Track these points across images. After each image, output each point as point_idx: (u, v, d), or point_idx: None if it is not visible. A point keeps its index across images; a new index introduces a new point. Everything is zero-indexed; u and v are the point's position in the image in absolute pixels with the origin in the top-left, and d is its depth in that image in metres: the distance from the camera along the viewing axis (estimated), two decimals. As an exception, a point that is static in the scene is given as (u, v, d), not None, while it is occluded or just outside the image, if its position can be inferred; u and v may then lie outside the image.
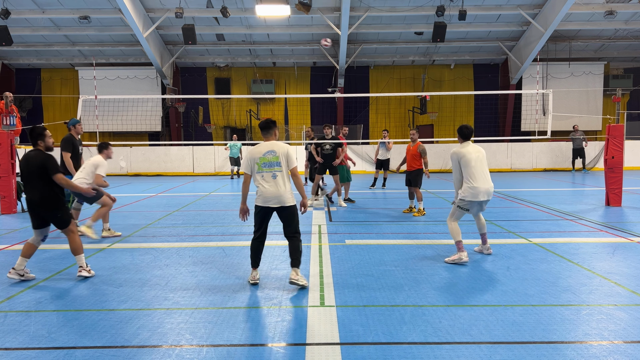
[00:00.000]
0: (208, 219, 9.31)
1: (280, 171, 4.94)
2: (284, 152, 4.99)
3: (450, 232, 6.03)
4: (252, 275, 5.09)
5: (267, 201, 4.91)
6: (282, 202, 4.91)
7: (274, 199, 4.90)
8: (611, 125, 10.37)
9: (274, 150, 4.97)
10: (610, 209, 9.97)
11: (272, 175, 4.92)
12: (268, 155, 4.94)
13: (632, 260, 5.87)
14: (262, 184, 4.93)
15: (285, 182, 4.95)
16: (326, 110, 24.49)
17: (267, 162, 4.94)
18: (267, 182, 4.91)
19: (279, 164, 4.95)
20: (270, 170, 4.92)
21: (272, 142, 5.06)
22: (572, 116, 21.98)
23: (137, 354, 3.50)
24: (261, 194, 4.94)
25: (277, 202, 4.91)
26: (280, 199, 4.90)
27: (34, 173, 5.25)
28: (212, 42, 22.48)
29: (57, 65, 24.45)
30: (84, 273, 5.36)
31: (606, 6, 19.32)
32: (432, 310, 4.28)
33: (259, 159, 4.95)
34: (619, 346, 3.55)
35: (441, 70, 24.62)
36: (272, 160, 4.94)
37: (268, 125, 5.12)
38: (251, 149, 5.06)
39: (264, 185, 4.91)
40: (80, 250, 5.42)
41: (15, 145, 10.43)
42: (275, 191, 4.89)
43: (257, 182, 4.97)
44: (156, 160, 21.38)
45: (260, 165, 4.95)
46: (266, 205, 4.93)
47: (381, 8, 19.49)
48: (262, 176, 4.93)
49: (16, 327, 4.02)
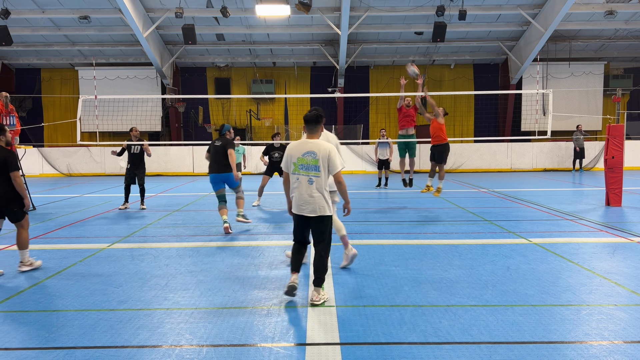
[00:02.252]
0: (208, 219, 9.31)
1: (318, 177, 4.38)
2: (324, 155, 4.39)
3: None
4: (291, 279, 4.56)
5: (301, 209, 4.43)
6: (316, 212, 4.40)
7: (307, 206, 4.40)
8: (611, 125, 10.37)
9: (314, 152, 4.39)
10: (610, 209, 9.97)
11: (309, 180, 4.39)
12: (307, 157, 4.40)
13: (632, 260, 5.87)
14: (297, 187, 4.44)
15: (322, 189, 4.40)
16: (326, 110, 24.38)
17: (305, 164, 4.39)
18: (301, 187, 4.41)
19: (318, 168, 4.38)
20: (307, 174, 4.40)
21: (315, 142, 4.44)
22: (572, 116, 21.98)
23: (137, 354, 3.50)
24: (295, 200, 4.48)
25: (310, 210, 4.41)
26: (314, 207, 4.39)
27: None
28: (212, 42, 22.48)
29: (57, 65, 24.46)
30: (24, 268, 5.67)
31: (606, 6, 19.33)
32: (432, 310, 4.28)
33: (297, 158, 4.42)
34: (619, 346, 3.55)
35: (441, 70, 24.62)
36: (311, 163, 4.38)
37: (316, 119, 4.51)
38: (291, 146, 4.52)
39: (299, 190, 4.42)
40: (26, 245, 5.73)
41: (15, 146, 10.42)
42: (309, 199, 4.38)
43: (292, 184, 4.50)
44: (156, 160, 21.37)
45: (297, 167, 4.43)
46: (300, 214, 4.46)
47: (381, 8, 19.49)
48: (298, 179, 4.43)
49: (16, 327, 4.02)
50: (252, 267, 5.76)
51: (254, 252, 6.53)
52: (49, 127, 24.33)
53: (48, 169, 21.47)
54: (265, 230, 8.20)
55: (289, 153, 4.51)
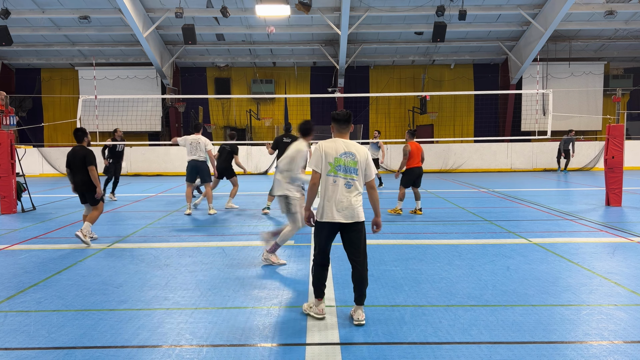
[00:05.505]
0: (208, 219, 9.31)
1: (358, 180, 4.04)
2: (364, 159, 4.06)
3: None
4: (320, 308, 4.11)
5: (336, 215, 3.98)
6: (354, 218, 4.00)
7: (345, 212, 3.99)
8: (611, 125, 10.37)
9: (353, 153, 4.03)
10: (610, 209, 9.97)
11: (347, 183, 4.01)
12: (346, 158, 4.01)
13: (632, 260, 5.87)
14: (332, 191, 4.01)
15: (359, 195, 4.07)
16: (326, 110, 24.47)
17: (344, 165, 4.01)
18: (339, 190, 4.00)
19: (357, 171, 4.03)
20: (346, 176, 4.01)
21: (349, 142, 4.11)
22: (572, 116, 21.97)
23: (137, 354, 3.50)
24: (326, 205, 4.02)
25: (349, 216, 3.99)
26: (352, 213, 4.00)
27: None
28: (212, 42, 22.48)
29: (57, 65, 24.46)
30: (80, 235, 6.79)
31: (606, 6, 19.32)
32: (432, 310, 4.28)
33: (334, 158, 4.01)
34: (619, 346, 3.55)
35: (441, 70, 24.62)
36: (351, 165, 4.02)
37: (349, 118, 4.21)
38: (324, 144, 4.09)
39: (335, 194, 3.99)
40: (93, 221, 7.04)
41: (14, 146, 10.42)
42: (348, 203, 3.99)
43: (324, 187, 4.05)
44: (156, 160, 21.38)
45: (334, 167, 4.01)
46: (332, 221, 3.99)
47: (381, 8, 19.49)
48: (335, 181, 4.01)
49: (16, 327, 4.02)
50: (252, 267, 5.76)
51: (254, 252, 6.53)
52: (49, 127, 24.33)
53: (48, 169, 21.46)
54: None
55: (325, 151, 4.05)
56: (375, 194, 4.15)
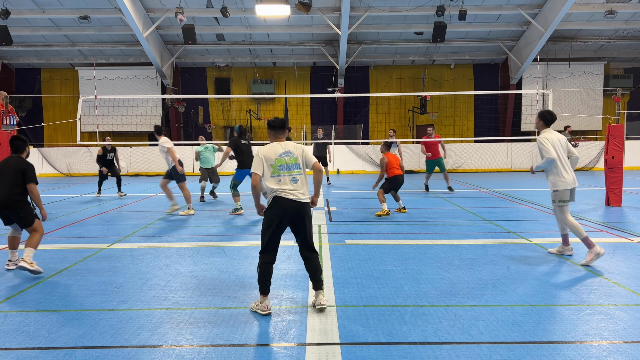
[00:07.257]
0: (208, 219, 9.31)
1: (300, 174, 4.44)
2: (301, 153, 4.51)
3: (573, 231, 5.79)
4: (265, 304, 4.28)
5: (285, 209, 4.31)
6: (301, 199, 4.38)
7: (291, 203, 4.34)
8: (611, 125, 10.37)
9: (291, 151, 4.46)
10: (610, 209, 9.97)
11: (292, 179, 4.38)
12: (286, 157, 4.43)
13: (632, 260, 5.87)
14: (279, 188, 4.35)
15: (304, 186, 4.45)
16: (326, 110, 24.49)
17: (286, 164, 4.41)
18: (285, 187, 4.35)
19: (298, 166, 4.45)
20: (290, 173, 4.40)
21: (286, 143, 4.54)
22: (573, 116, 21.97)
23: (137, 354, 3.50)
24: (275, 202, 4.34)
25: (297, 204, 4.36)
26: (299, 204, 4.36)
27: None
28: (212, 42, 22.48)
29: (57, 65, 24.46)
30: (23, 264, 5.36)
31: (606, 6, 19.33)
32: (432, 310, 4.28)
33: (275, 160, 4.39)
34: (619, 346, 3.55)
35: (441, 70, 24.62)
36: (292, 162, 4.43)
37: (283, 125, 4.62)
38: (263, 149, 4.48)
39: (283, 190, 4.34)
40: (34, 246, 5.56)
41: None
42: (294, 197, 4.34)
43: (271, 187, 4.38)
44: (156, 160, 21.36)
45: (276, 168, 4.38)
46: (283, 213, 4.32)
47: (381, 8, 19.50)
48: (280, 180, 4.36)
49: (16, 327, 4.02)
50: (252, 267, 5.76)
51: (254, 252, 6.52)
52: (49, 127, 24.33)
53: (48, 169, 21.46)
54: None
55: (264, 156, 4.42)
56: (318, 176, 4.53)
